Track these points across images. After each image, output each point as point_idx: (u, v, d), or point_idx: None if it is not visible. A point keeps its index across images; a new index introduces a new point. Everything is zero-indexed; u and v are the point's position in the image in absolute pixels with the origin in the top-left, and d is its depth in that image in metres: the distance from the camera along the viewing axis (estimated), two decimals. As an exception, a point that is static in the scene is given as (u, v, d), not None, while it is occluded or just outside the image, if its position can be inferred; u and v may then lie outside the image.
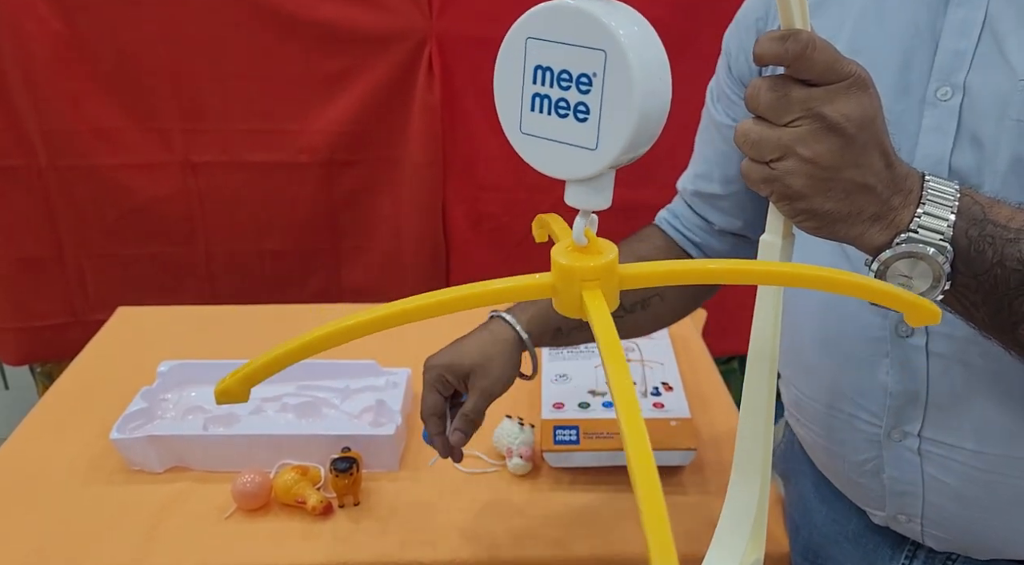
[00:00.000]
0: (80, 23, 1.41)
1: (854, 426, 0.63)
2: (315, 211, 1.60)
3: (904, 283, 0.45)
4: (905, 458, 0.61)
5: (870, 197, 0.44)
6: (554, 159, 0.37)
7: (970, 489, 0.59)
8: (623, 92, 0.33)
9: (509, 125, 0.37)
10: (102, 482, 0.89)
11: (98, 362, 1.15)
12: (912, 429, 0.60)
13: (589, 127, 0.35)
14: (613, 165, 0.36)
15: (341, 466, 0.83)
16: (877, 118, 0.44)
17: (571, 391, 0.97)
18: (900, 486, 0.63)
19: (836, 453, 0.67)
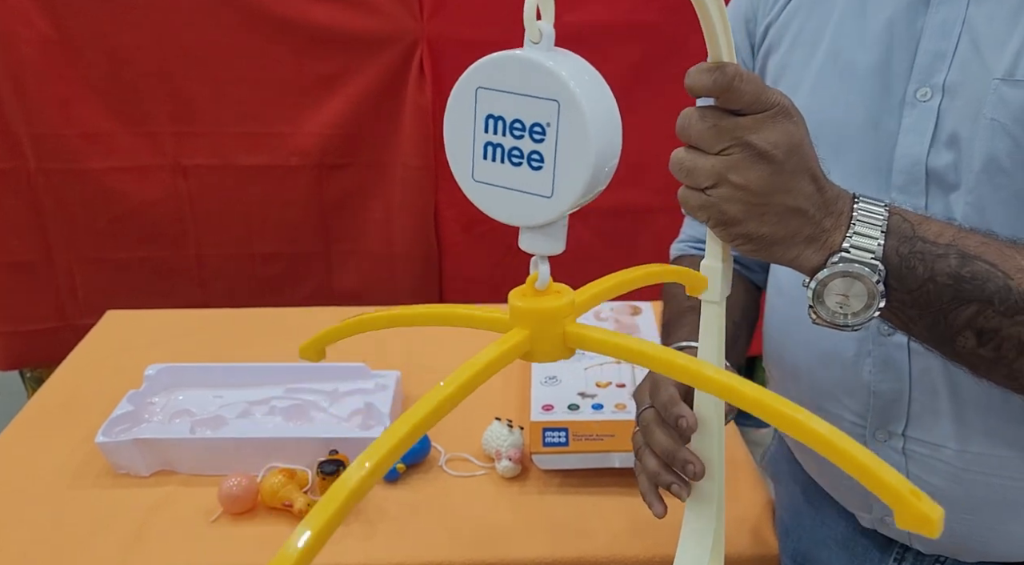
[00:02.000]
0: (70, 27, 1.41)
1: (839, 427, 0.61)
2: (306, 214, 1.60)
3: (841, 301, 0.47)
4: (890, 458, 0.61)
5: (803, 220, 0.46)
6: (509, 206, 0.37)
7: (954, 489, 0.59)
8: (578, 140, 0.34)
9: (460, 172, 0.37)
10: (88, 486, 0.88)
11: (86, 366, 1.14)
12: (896, 429, 0.61)
13: (544, 175, 0.35)
14: (569, 211, 0.36)
15: (328, 469, 0.83)
16: (803, 144, 0.45)
17: (560, 393, 0.97)
18: None
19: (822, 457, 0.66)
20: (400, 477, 0.89)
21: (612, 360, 1.04)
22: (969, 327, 0.47)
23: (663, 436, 0.57)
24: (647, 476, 0.58)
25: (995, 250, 0.47)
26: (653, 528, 0.83)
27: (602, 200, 1.18)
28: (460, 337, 1.19)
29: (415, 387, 1.06)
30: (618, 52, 1.47)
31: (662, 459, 0.57)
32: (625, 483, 0.88)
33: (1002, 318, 0.47)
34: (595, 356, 1.04)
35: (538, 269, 0.37)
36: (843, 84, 0.59)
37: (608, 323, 1.15)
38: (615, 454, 0.87)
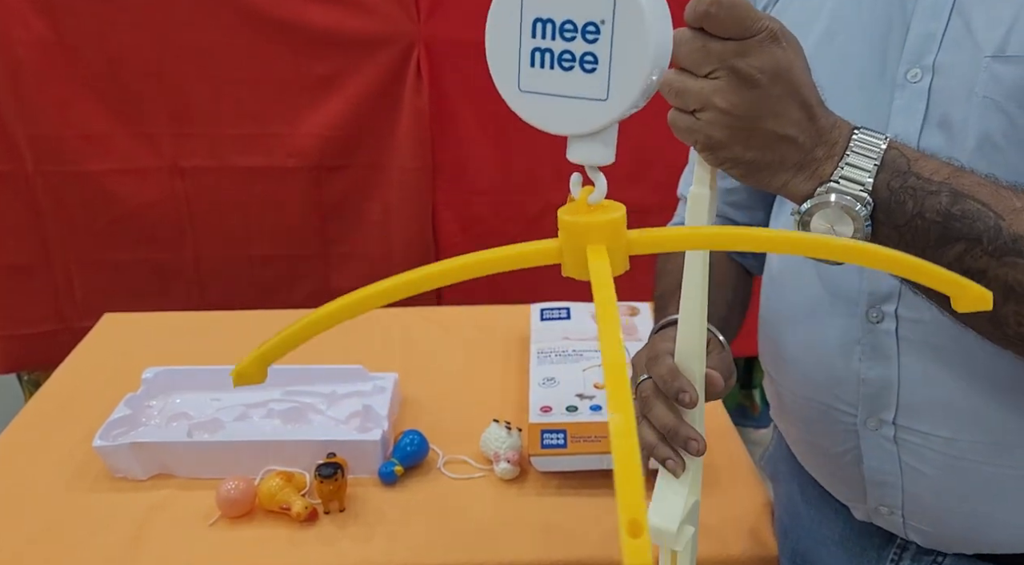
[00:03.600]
0: (67, 28, 1.40)
1: (832, 417, 0.63)
2: (304, 215, 1.59)
3: (827, 231, 0.46)
4: (882, 447, 0.61)
5: (791, 147, 0.46)
6: (559, 115, 0.35)
7: (947, 478, 0.59)
8: (635, 37, 0.32)
9: (505, 84, 0.35)
10: (85, 490, 0.88)
11: (83, 368, 1.14)
12: (887, 417, 0.60)
13: (598, 77, 0.33)
14: (625, 114, 0.34)
15: (326, 472, 0.82)
16: (792, 69, 0.45)
17: (559, 394, 0.96)
18: (879, 476, 0.62)
19: (817, 446, 0.67)
20: (398, 479, 0.89)
21: (610, 361, 1.04)
22: (955, 267, 0.44)
23: (664, 410, 0.55)
24: (642, 447, 0.55)
25: (990, 190, 0.47)
26: (652, 530, 0.83)
27: None
28: (458, 338, 1.20)
29: (413, 389, 1.06)
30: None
31: (660, 432, 0.55)
32: (624, 485, 0.88)
33: (989, 259, 0.46)
34: (593, 357, 1.04)
35: (595, 181, 0.35)
36: (838, 66, 0.59)
37: (606, 324, 1.15)
38: (613, 456, 0.87)
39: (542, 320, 1.17)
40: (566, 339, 1.10)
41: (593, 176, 0.36)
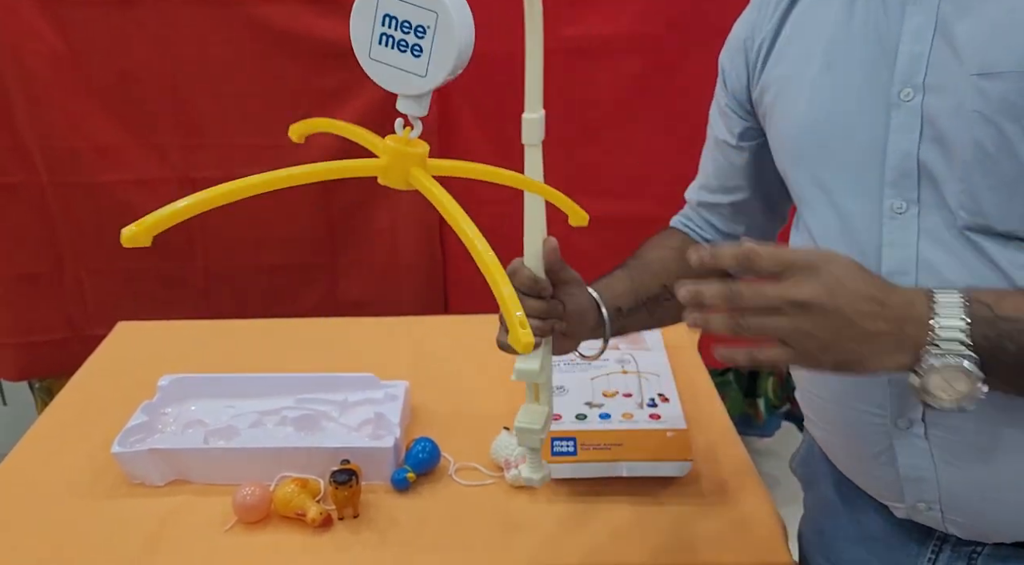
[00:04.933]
0: (80, 42, 1.43)
1: (864, 419, 0.66)
2: (312, 225, 1.61)
3: (944, 387, 0.52)
4: (915, 445, 0.63)
5: (881, 337, 0.52)
6: (393, 79, 0.52)
7: (981, 469, 0.61)
8: (448, 42, 0.49)
9: (360, 51, 0.52)
10: (103, 496, 0.90)
11: (98, 377, 1.15)
12: (916, 415, 0.62)
13: (421, 61, 0.51)
14: (436, 86, 0.52)
15: (341, 478, 0.84)
16: (843, 279, 0.52)
17: (568, 403, 0.98)
18: (915, 473, 0.64)
19: (853, 449, 0.70)
20: (410, 486, 0.91)
21: (618, 371, 1.05)
22: None
23: (534, 302, 0.69)
24: None
25: None
26: (661, 536, 0.84)
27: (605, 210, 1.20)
28: (466, 348, 1.21)
29: (423, 398, 1.08)
30: (620, 65, 1.49)
31: (533, 317, 0.68)
32: (633, 491, 0.89)
33: None
34: (602, 366, 1.06)
35: (414, 125, 0.54)
36: (837, 92, 0.64)
37: (613, 333, 1.16)
38: (623, 463, 0.89)
39: (550, 329, 1.18)
40: (574, 348, 1.11)
41: (413, 122, 0.55)
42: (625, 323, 0.77)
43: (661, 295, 0.78)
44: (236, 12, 1.44)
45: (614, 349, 1.11)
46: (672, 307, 0.77)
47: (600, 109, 1.51)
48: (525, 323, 0.50)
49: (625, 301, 0.77)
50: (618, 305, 0.76)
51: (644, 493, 0.89)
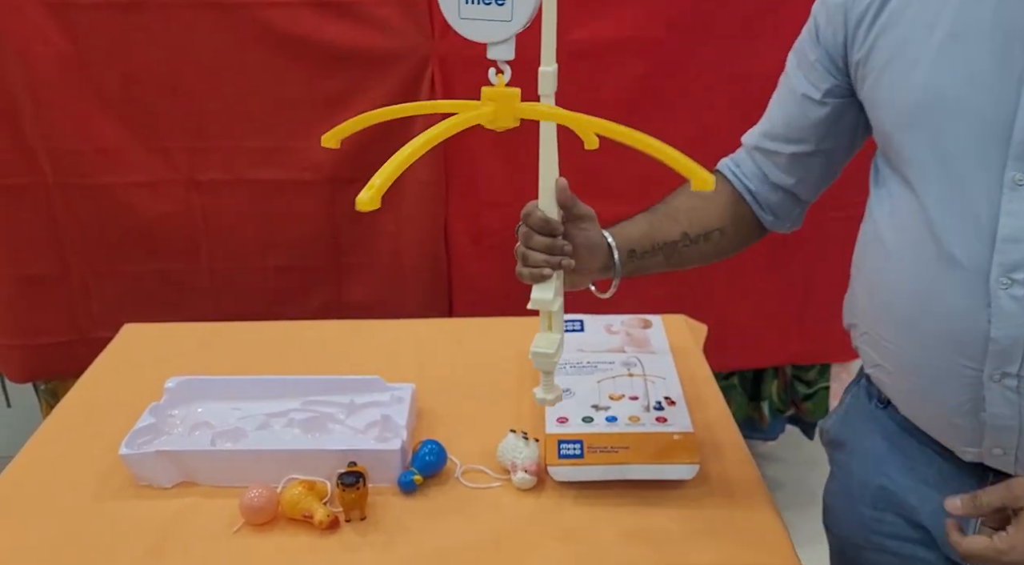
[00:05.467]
0: (86, 44, 1.43)
1: (956, 371, 0.69)
2: (318, 228, 1.61)
3: None
4: (1004, 397, 0.67)
5: None
6: (483, 31, 0.64)
7: None
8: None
9: (450, 14, 0.64)
10: (110, 498, 0.90)
11: (105, 379, 1.16)
12: (1012, 370, 0.66)
13: (506, 8, 0.63)
14: (522, 29, 0.63)
15: (348, 480, 0.84)
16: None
17: (575, 406, 0.98)
18: (999, 422, 0.68)
19: (933, 398, 0.73)
20: (417, 488, 0.91)
21: (624, 373, 1.05)
22: None
23: (541, 238, 0.77)
24: (532, 265, 0.77)
25: None
26: (668, 539, 0.84)
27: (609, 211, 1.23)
28: (472, 351, 1.21)
29: (429, 400, 1.08)
30: (624, 68, 1.49)
31: (546, 252, 0.77)
32: (640, 495, 0.90)
33: None
34: (608, 370, 1.06)
35: (504, 70, 0.66)
36: (964, 63, 0.65)
37: (619, 336, 1.16)
38: (630, 466, 0.89)
39: (556, 332, 1.18)
40: (580, 351, 1.11)
41: (503, 67, 0.66)
42: (639, 265, 0.84)
43: (680, 242, 0.85)
44: (241, 16, 1.44)
45: (619, 352, 1.11)
46: (691, 254, 0.85)
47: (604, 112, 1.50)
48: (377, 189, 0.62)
49: (640, 244, 0.83)
50: (632, 247, 0.83)
51: (650, 496, 0.89)
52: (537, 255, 0.77)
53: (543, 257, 0.76)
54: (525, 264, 0.78)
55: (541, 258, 0.76)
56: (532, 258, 0.77)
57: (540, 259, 0.77)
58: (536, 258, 0.77)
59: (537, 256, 0.77)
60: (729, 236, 0.87)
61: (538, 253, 0.77)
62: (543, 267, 0.76)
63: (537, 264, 0.77)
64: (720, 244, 0.87)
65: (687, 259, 0.86)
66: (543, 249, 0.77)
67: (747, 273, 1.64)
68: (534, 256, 0.77)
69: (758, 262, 1.64)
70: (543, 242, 0.77)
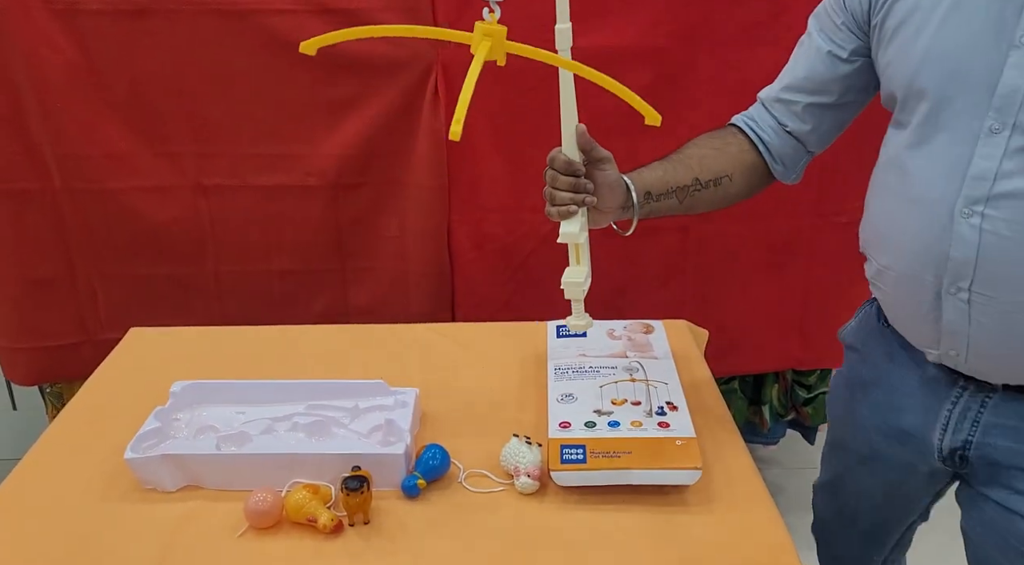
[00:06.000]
0: (94, 50, 1.44)
1: (924, 285, 0.83)
2: (322, 232, 1.62)
3: None
4: (956, 306, 0.81)
5: None
6: None
7: (1001, 326, 0.79)
8: None
9: None
10: (116, 501, 0.91)
11: (111, 382, 1.17)
12: (964, 285, 0.79)
13: None
14: None
15: (352, 485, 0.85)
16: None
17: (577, 410, 0.99)
18: (953, 327, 0.82)
19: (907, 307, 0.88)
20: (421, 493, 0.91)
21: (626, 378, 1.06)
22: None
23: (565, 179, 0.88)
24: (559, 203, 0.88)
25: None
26: (670, 544, 0.85)
27: None
28: (475, 355, 1.22)
29: (433, 404, 1.09)
30: (629, 76, 1.49)
31: (570, 191, 0.88)
32: (643, 500, 0.90)
33: None
34: (610, 374, 1.07)
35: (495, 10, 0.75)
36: (964, 27, 0.77)
37: (621, 340, 1.17)
38: (632, 471, 0.89)
39: (558, 337, 1.19)
40: (583, 356, 1.12)
41: (494, 7, 0.75)
42: (655, 207, 0.95)
43: (691, 186, 0.96)
44: (247, 23, 1.45)
45: (622, 357, 1.12)
46: (702, 197, 0.96)
47: (609, 120, 1.52)
48: None
49: (656, 187, 0.94)
50: (648, 189, 0.93)
51: (652, 500, 0.90)
52: (563, 194, 0.88)
53: (568, 195, 0.87)
54: (553, 203, 0.88)
55: (567, 196, 0.87)
56: (559, 197, 0.88)
57: (566, 197, 0.87)
58: (562, 197, 0.87)
59: (563, 195, 0.88)
60: (737, 182, 0.98)
61: (564, 192, 0.88)
62: (569, 205, 0.87)
63: (563, 202, 0.87)
64: (728, 189, 0.98)
65: (698, 202, 0.97)
66: (568, 188, 0.87)
67: (748, 278, 1.65)
68: (560, 195, 0.88)
69: (759, 267, 1.65)
70: (568, 182, 0.87)
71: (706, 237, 1.60)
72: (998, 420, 0.84)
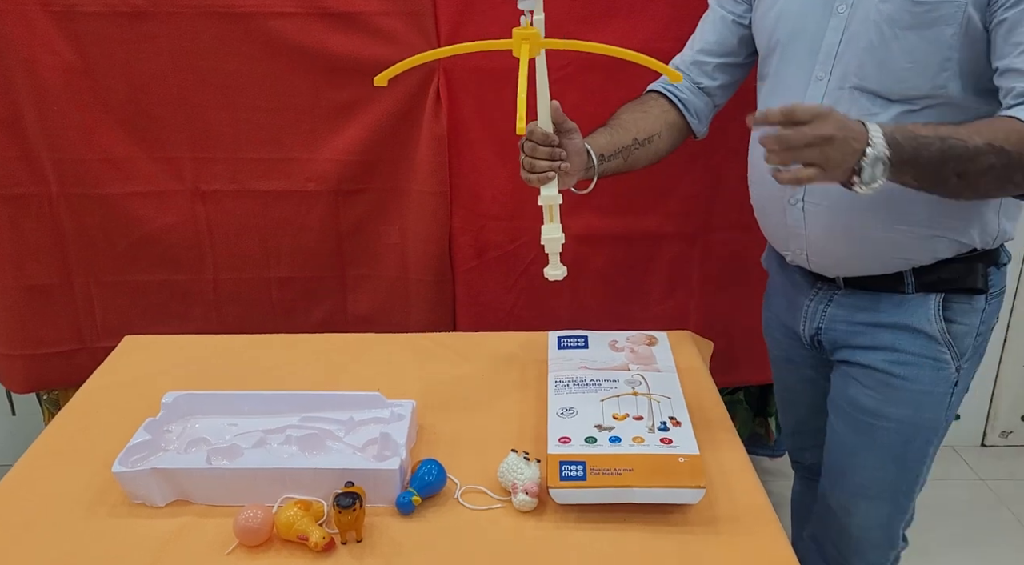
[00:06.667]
0: (93, 54, 1.42)
1: (775, 198, 1.08)
2: (322, 239, 1.60)
3: (871, 176, 0.84)
4: (795, 214, 1.06)
5: (855, 149, 0.83)
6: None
7: (830, 229, 1.04)
8: None
9: None
10: (104, 516, 0.88)
11: (103, 391, 1.15)
12: (798, 196, 1.05)
13: None
14: None
15: (344, 502, 0.82)
16: (840, 120, 0.83)
17: (577, 425, 0.96)
18: (795, 231, 1.07)
19: (766, 218, 1.14)
20: (416, 510, 0.89)
21: (628, 392, 1.03)
22: (953, 174, 0.87)
23: (544, 148, 1.00)
24: (539, 171, 1.00)
25: (952, 129, 0.86)
26: (672, 564, 0.82)
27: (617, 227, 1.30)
28: (475, 366, 1.20)
29: (430, 417, 1.06)
30: (636, 80, 1.48)
31: (548, 160, 1.00)
32: (644, 519, 0.87)
33: (967, 162, 0.86)
34: (612, 388, 1.04)
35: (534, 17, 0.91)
36: (797, 9, 1.02)
37: (624, 352, 1.14)
38: (634, 489, 0.87)
39: (559, 348, 1.17)
40: (584, 368, 1.10)
41: (527, 14, 0.90)
42: (607, 166, 1.10)
43: (632, 146, 1.13)
44: (248, 26, 1.43)
45: (624, 370, 1.09)
46: (640, 155, 1.14)
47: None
48: None
49: (606, 149, 1.09)
50: (601, 152, 1.08)
51: (654, 519, 0.87)
52: (542, 163, 0.99)
53: (547, 163, 0.99)
54: (533, 172, 1.00)
55: (546, 164, 0.99)
56: (539, 165, 1.00)
57: (545, 165, 0.99)
58: (541, 165, 0.99)
59: (542, 163, 0.99)
60: (664, 139, 1.16)
61: (543, 161, 0.99)
62: (548, 172, 0.99)
63: (543, 170, 0.99)
64: (659, 146, 1.16)
65: (637, 160, 1.14)
66: (546, 157, 0.99)
67: (754, 288, 1.62)
68: (540, 164, 1.00)
69: (765, 277, 1.62)
70: (546, 151, 0.99)
71: (712, 246, 1.57)
72: (839, 310, 1.11)
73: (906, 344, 1.05)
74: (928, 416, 1.07)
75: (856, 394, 1.09)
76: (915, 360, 1.05)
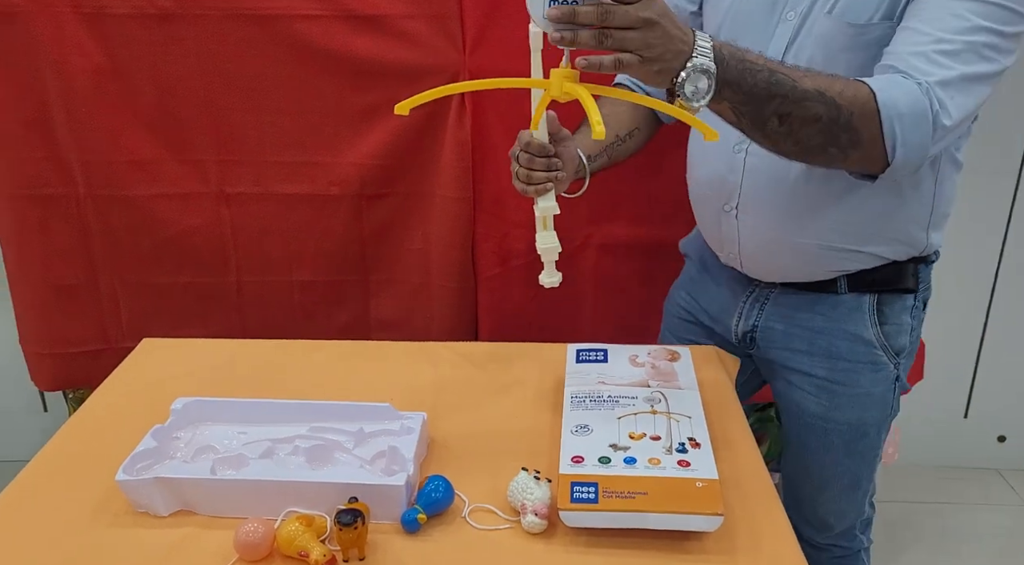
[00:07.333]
0: (121, 56, 1.43)
1: (712, 204, 1.12)
2: (345, 243, 1.59)
3: (692, 91, 0.80)
4: (729, 221, 1.09)
5: (679, 50, 0.79)
6: None
7: (758, 237, 1.08)
8: None
9: (535, 11, 0.79)
10: (107, 525, 0.87)
11: (117, 395, 1.14)
12: (732, 204, 1.08)
13: None
14: None
15: (345, 519, 0.80)
16: (666, 8, 0.79)
17: (591, 444, 0.92)
18: (729, 235, 1.11)
19: (703, 219, 1.18)
20: (421, 528, 0.86)
21: (647, 410, 0.99)
22: (775, 114, 0.84)
23: (541, 160, 0.98)
24: (537, 182, 0.98)
25: (788, 68, 0.85)
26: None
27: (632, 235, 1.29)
28: (491, 376, 1.17)
29: (441, 429, 1.03)
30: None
31: (545, 170, 0.98)
32: (658, 545, 0.83)
33: (792, 104, 0.84)
34: (630, 405, 1.00)
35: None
36: (744, 13, 1.05)
37: (644, 368, 1.10)
38: (648, 514, 0.82)
39: (578, 362, 1.13)
40: (601, 384, 1.06)
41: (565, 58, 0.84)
42: (594, 166, 1.10)
43: (615, 143, 1.14)
44: (274, 29, 1.43)
45: (643, 386, 1.05)
46: (622, 150, 1.16)
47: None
48: None
49: (593, 150, 1.10)
50: (588, 154, 1.09)
51: (669, 546, 0.83)
52: (540, 174, 0.98)
53: (544, 174, 0.98)
54: (530, 183, 0.98)
55: (543, 176, 0.98)
56: (536, 177, 0.98)
57: (543, 176, 0.98)
58: (539, 176, 0.98)
59: (540, 175, 0.98)
60: (642, 131, 1.19)
61: (540, 172, 0.98)
62: (546, 183, 0.98)
63: (541, 181, 0.97)
64: (638, 139, 1.18)
65: (618, 155, 1.15)
66: (544, 168, 0.98)
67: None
68: (537, 175, 0.98)
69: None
70: (543, 162, 0.98)
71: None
72: (776, 310, 1.13)
73: (844, 350, 1.09)
74: (875, 414, 1.13)
75: (801, 399, 1.14)
76: (853, 366, 1.09)
